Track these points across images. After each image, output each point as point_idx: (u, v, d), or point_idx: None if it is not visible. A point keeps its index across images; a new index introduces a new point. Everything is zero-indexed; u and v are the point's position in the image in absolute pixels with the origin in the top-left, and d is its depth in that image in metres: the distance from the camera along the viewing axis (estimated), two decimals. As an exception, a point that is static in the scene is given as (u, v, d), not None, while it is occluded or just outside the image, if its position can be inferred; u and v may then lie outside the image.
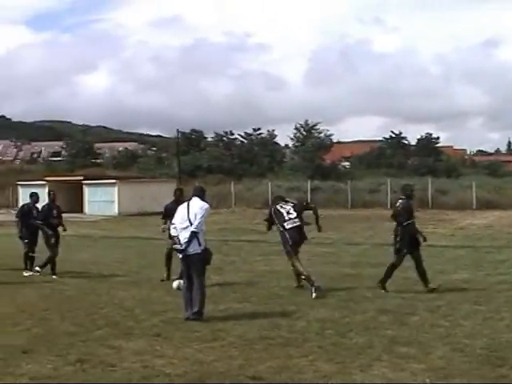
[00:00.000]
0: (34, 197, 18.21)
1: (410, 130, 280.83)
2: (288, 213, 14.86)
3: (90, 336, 10.18)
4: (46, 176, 55.66)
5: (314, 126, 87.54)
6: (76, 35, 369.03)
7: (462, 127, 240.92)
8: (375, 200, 58.22)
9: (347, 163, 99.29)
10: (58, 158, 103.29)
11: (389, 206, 54.81)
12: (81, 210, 49.16)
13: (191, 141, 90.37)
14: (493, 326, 10.62)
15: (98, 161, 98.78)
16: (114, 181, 51.69)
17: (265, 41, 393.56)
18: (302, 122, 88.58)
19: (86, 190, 52.10)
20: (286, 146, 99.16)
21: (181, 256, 11.88)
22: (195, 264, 11.72)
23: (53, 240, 17.04)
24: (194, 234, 11.60)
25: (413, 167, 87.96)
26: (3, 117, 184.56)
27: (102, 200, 50.61)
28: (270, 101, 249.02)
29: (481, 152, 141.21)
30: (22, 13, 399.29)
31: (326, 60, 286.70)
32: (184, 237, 11.68)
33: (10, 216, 19.37)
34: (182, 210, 12.03)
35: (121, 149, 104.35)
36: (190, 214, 11.72)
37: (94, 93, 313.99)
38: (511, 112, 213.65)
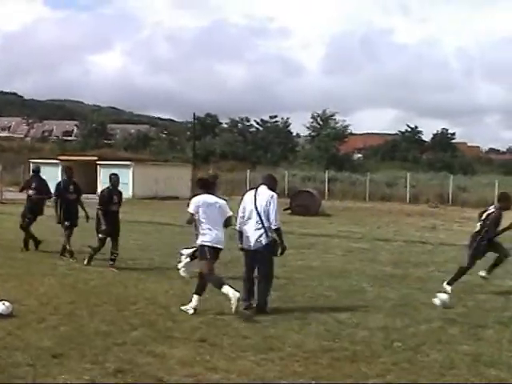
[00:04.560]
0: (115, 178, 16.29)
1: (424, 124, 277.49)
2: None
3: (125, 338, 8.91)
4: (59, 155, 54.46)
5: (332, 115, 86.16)
6: (93, 14, 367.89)
7: (476, 124, 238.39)
8: (393, 193, 57.21)
9: (360, 155, 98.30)
10: (70, 138, 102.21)
11: (408, 201, 53.80)
12: (94, 190, 47.85)
13: (205, 125, 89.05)
14: None
15: (110, 142, 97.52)
16: (128, 162, 50.41)
17: (286, 25, 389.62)
18: (320, 112, 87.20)
19: (101, 171, 50.91)
20: (298, 135, 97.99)
21: (245, 247, 11.17)
22: (262, 256, 10.99)
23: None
24: (265, 229, 10.85)
25: (428, 162, 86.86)
26: (15, 94, 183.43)
27: (115, 181, 49.23)
28: (286, 87, 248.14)
29: (492, 150, 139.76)
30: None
31: (345, 47, 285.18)
32: (252, 230, 10.99)
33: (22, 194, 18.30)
34: (248, 199, 11.04)
35: (133, 131, 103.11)
36: (258, 205, 10.94)
37: (106, 73, 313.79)
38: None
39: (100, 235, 15.33)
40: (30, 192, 18.01)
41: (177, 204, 38.08)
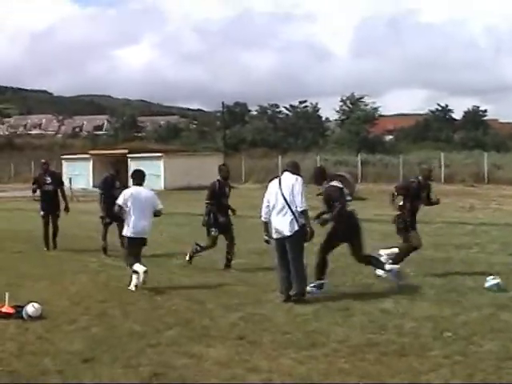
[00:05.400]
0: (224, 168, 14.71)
1: (454, 103, 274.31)
2: None
3: (160, 338, 8.47)
4: (90, 150, 54.26)
5: (361, 98, 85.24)
6: (120, 9, 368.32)
7: (507, 100, 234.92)
8: (428, 175, 56.17)
9: (390, 136, 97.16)
10: (101, 132, 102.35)
11: (442, 181, 52.86)
12: (126, 184, 47.66)
13: (234, 114, 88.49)
14: None
15: (140, 134, 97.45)
16: (159, 154, 49.97)
17: (311, 10, 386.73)
18: (348, 95, 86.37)
19: (131, 164, 50.57)
20: (327, 119, 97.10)
21: (275, 237, 10.76)
22: (293, 242, 10.58)
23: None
24: (293, 214, 10.50)
25: (460, 141, 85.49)
26: (45, 91, 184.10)
27: (147, 174, 48.89)
28: (313, 73, 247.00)
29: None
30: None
31: (372, 29, 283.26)
32: (280, 217, 10.61)
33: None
34: (272, 187, 10.66)
35: (162, 122, 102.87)
36: (284, 191, 10.56)
37: (134, 66, 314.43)
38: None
39: (213, 232, 13.99)
40: (49, 188, 17.53)
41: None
